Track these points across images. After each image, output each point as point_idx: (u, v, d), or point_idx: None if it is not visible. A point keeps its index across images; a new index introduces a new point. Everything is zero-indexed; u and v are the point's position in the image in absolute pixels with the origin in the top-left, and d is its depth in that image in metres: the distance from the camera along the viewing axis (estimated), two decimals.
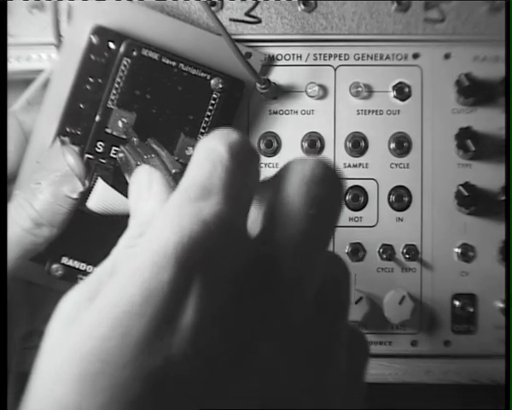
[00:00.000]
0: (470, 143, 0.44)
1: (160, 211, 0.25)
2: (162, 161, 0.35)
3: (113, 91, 0.41)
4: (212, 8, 0.45)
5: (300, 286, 0.26)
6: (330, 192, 0.27)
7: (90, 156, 0.41)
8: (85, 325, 0.22)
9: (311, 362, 0.26)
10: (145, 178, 0.33)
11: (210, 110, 0.42)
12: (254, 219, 0.28)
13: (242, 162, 0.26)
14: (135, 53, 0.41)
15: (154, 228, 0.24)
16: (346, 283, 0.29)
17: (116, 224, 0.41)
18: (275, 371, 0.25)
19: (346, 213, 0.46)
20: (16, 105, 0.43)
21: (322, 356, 0.26)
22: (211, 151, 0.26)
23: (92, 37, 0.41)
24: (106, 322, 0.22)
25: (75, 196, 0.40)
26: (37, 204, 0.39)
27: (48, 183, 0.39)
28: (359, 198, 0.46)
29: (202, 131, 0.42)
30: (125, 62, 0.41)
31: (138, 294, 0.22)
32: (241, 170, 0.26)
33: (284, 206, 0.26)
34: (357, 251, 0.46)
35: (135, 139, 0.40)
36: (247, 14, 0.46)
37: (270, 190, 0.27)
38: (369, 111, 0.46)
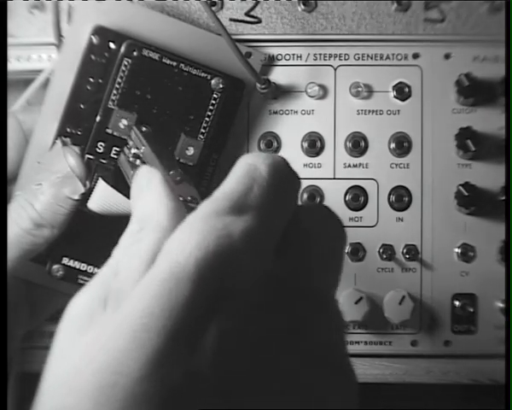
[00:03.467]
0: (470, 143, 0.44)
1: (187, 219, 0.25)
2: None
3: (114, 92, 0.41)
4: (213, 8, 0.45)
5: (323, 311, 0.26)
6: (334, 242, 0.28)
7: (91, 157, 0.41)
8: (101, 336, 0.22)
9: (331, 370, 0.25)
10: (145, 177, 0.32)
11: (210, 110, 0.42)
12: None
13: (281, 185, 0.26)
14: (135, 53, 0.41)
15: (177, 236, 0.24)
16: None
17: (117, 224, 0.41)
18: (295, 385, 0.24)
19: (346, 213, 0.46)
20: (16, 105, 0.43)
21: (338, 364, 0.26)
22: (252, 167, 0.26)
23: (93, 37, 0.41)
24: (123, 334, 0.21)
25: (76, 197, 0.40)
26: (37, 205, 0.39)
27: (49, 184, 0.39)
28: (359, 198, 0.46)
29: (203, 131, 0.42)
30: (126, 63, 0.41)
31: (157, 306, 0.21)
32: (279, 193, 0.26)
33: (298, 245, 0.27)
34: (357, 251, 0.46)
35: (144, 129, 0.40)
36: (247, 14, 0.46)
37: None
38: (369, 111, 0.46)
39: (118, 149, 0.41)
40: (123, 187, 0.40)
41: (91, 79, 0.41)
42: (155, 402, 0.21)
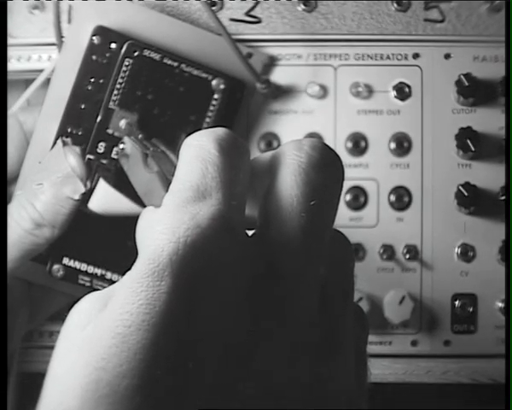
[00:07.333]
0: (470, 143, 0.44)
1: (155, 214, 0.25)
2: (170, 160, 0.35)
3: (115, 92, 0.41)
4: (213, 8, 0.45)
5: (305, 281, 0.25)
6: (330, 177, 0.27)
7: (92, 157, 0.41)
8: (91, 333, 0.22)
9: (320, 353, 0.25)
10: (148, 217, 0.32)
11: (211, 111, 0.42)
12: (249, 211, 0.27)
13: (233, 158, 0.25)
14: (136, 53, 0.41)
15: (150, 233, 0.24)
16: (350, 259, 0.29)
17: (117, 225, 0.41)
18: (281, 367, 0.24)
19: (346, 213, 0.46)
20: (16, 105, 0.43)
21: (331, 345, 0.26)
22: (200, 150, 0.25)
23: (94, 37, 0.41)
24: (107, 330, 0.22)
25: (77, 197, 0.39)
26: (38, 205, 0.39)
27: (50, 184, 0.39)
28: (359, 198, 0.46)
29: None
30: (127, 63, 0.41)
31: (136, 303, 0.22)
32: (233, 166, 0.25)
33: (281, 199, 0.25)
34: (358, 251, 0.46)
35: (140, 136, 0.40)
36: (248, 14, 0.46)
37: (264, 178, 0.27)
38: (369, 111, 0.46)
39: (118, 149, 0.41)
40: (124, 188, 0.40)
41: (92, 80, 0.41)
42: (139, 397, 0.21)
